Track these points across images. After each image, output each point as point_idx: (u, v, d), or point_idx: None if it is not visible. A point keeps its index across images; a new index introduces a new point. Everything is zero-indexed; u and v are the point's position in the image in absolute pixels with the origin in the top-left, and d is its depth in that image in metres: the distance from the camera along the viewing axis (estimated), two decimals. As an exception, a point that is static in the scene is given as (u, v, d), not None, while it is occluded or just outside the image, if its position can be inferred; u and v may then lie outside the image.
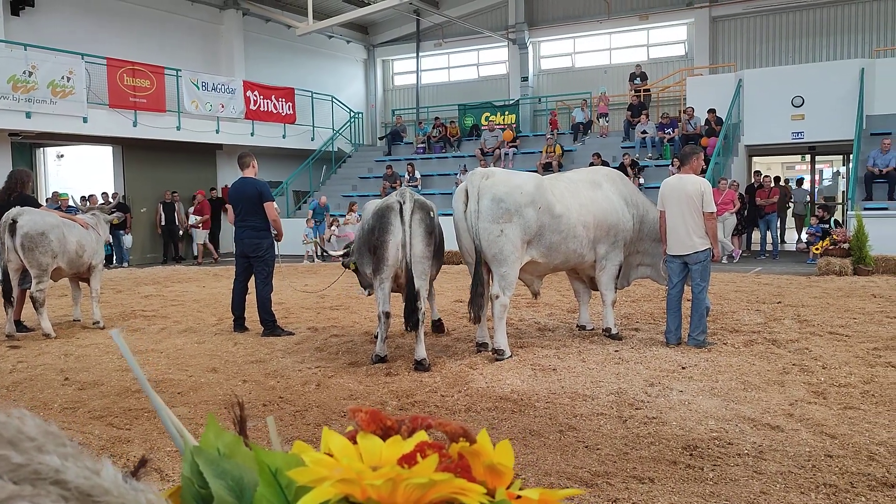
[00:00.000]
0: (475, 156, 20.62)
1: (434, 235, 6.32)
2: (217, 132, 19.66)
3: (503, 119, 22.91)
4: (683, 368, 5.93)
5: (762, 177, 16.59)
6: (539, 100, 24.78)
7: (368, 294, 7.43)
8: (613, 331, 7.24)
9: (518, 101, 23.93)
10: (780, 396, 5.05)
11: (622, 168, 16.03)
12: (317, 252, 17.72)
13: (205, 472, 0.65)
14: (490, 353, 6.52)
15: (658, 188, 7.17)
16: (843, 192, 20.67)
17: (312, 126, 22.84)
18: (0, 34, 16.16)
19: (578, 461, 3.94)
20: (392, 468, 0.62)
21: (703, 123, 17.60)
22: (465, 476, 0.64)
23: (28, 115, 15.42)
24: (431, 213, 6.31)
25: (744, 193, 16.08)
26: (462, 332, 7.73)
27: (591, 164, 16.03)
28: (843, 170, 21.43)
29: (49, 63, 15.82)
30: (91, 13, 18.64)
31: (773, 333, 7.18)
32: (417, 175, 20.11)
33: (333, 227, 18.22)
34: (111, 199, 16.54)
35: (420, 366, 6.08)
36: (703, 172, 12.55)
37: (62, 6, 17.99)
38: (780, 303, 9.15)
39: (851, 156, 16.06)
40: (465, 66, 27.49)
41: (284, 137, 21.79)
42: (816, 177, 22.75)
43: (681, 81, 21.23)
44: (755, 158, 20.72)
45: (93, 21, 18.60)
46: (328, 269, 15.60)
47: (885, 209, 14.04)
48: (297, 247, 17.56)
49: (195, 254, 19.01)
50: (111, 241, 10.66)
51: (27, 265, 7.70)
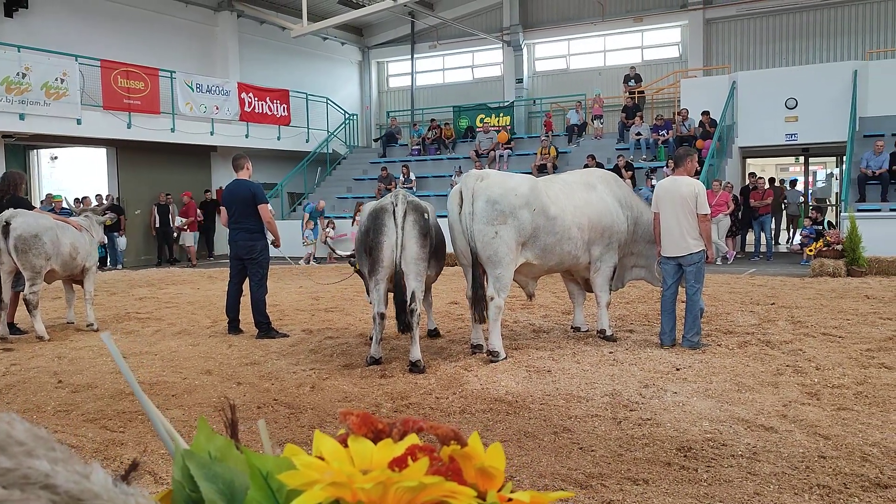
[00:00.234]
0: (470, 157, 20.61)
1: (429, 237, 6.30)
2: (211, 134, 19.63)
3: (498, 121, 22.93)
4: (678, 370, 5.94)
5: (756, 178, 16.64)
6: (534, 101, 24.81)
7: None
8: (608, 332, 7.25)
9: (513, 103, 23.96)
10: (774, 398, 5.07)
11: (616, 170, 16.06)
12: (333, 253, 17.75)
13: (195, 476, 0.65)
14: (485, 355, 6.52)
15: (652, 189, 7.18)
16: (837, 194, 20.74)
17: (307, 128, 22.82)
18: (-7, 36, 16.14)
19: (573, 463, 3.94)
20: (382, 471, 0.61)
21: (697, 125, 17.64)
22: (456, 479, 0.64)
23: (22, 117, 15.37)
24: (426, 215, 6.29)
25: (738, 195, 16.13)
26: (457, 334, 7.73)
27: (586, 166, 16.05)
28: (837, 171, 21.52)
29: (43, 65, 15.77)
30: (85, 15, 18.59)
31: (767, 335, 7.21)
32: (412, 177, 20.11)
33: (329, 229, 18.22)
34: (104, 201, 16.50)
35: (415, 367, 6.08)
36: (698, 174, 12.59)
37: (56, 8, 17.93)
38: (774, 304, 9.18)
39: (845, 157, 16.13)
40: (460, 68, 27.51)
41: (279, 139, 21.77)
42: (810, 178, 22.83)
43: (675, 83, 21.29)
44: (749, 160, 20.78)
45: (87, 23, 18.55)
46: (323, 272, 15.60)
47: (878, 210, 14.10)
48: (298, 248, 17.55)
49: (188, 255, 18.87)
50: (106, 243, 10.61)
51: (20, 267, 7.67)
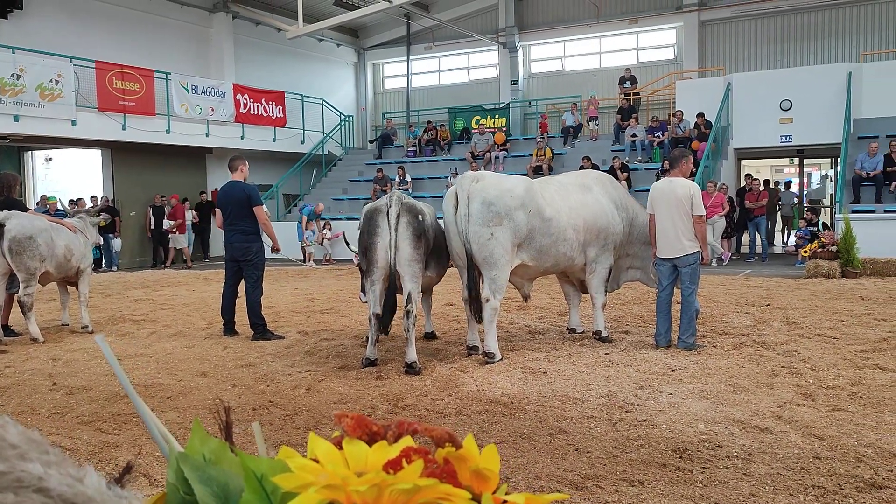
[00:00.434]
0: (465, 159, 20.63)
1: (424, 239, 6.29)
2: (207, 135, 19.61)
3: (493, 122, 22.96)
4: (673, 371, 5.95)
5: (752, 180, 16.69)
6: (529, 103, 24.83)
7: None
8: (603, 334, 7.25)
9: (508, 105, 24.00)
10: (769, 399, 5.08)
11: (612, 171, 16.08)
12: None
13: (190, 479, 0.65)
14: (480, 357, 6.52)
15: (647, 191, 7.20)
16: (832, 195, 20.81)
17: (303, 129, 22.81)
18: (-12, 37, 16.10)
19: (568, 464, 3.94)
20: (377, 474, 0.61)
21: (693, 127, 17.68)
22: (451, 481, 0.64)
23: (16, 119, 15.33)
24: (420, 217, 6.27)
25: (733, 196, 16.16)
26: (452, 336, 7.73)
27: (581, 168, 16.07)
28: (831, 173, 21.58)
29: (37, 66, 15.73)
30: (80, 16, 18.55)
31: (762, 336, 7.22)
32: (408, 178, 20.11)
33: (325, 231, 18.21)
34: (100, 203, 16.46)
35: (410, 369, 6.07)
36: (693, 176, 12.62)
37: (50, 9, 17.89)
38: (769, 305, 9.20)
39: (839, 159, 16.18)
40: (456, 70, 27.54)
41: (274, 141, 21.75)
42: (805, 180, 22.91)
43: (670, 85, 21.33)
44: (744, 162, 20.84)
45: (81, 24, 18.51)
46: (318, 274, 15.60)
47: (873, 212, 14.14)
48: (295, 249, 17.54)
49: (164, 258, 18.66)
50: (101, 244, 10.59)
51: (15, 269, 7.64)
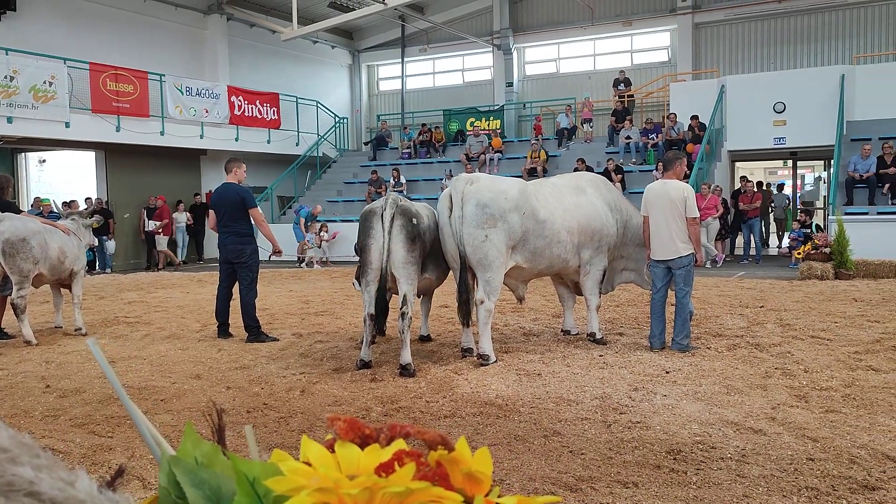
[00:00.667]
0: (460, 161, 20.64)
1: (419, 241, 6.28)
2: (201, 137, 19.57)
3: (488, 124, 22.97)
4: (667, 373, 5.96)
5: (746, 182, 16.73)
6: (524, 105, 24.87)
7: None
8: (598, 335, 7.26)
9: (503, 107, 24.02)
10: (763, 400, 5.09)
11: (606, 173, 16.11)
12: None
13: (182, 482, 0.64)
14: (475, 359, 6.52)
15: (642, 193, 7.21)
16: (825, 197, 20.88)
17: (297, 131, 22.78)
18: (-19, 38, 16.03)
19: (563, 466, 3.94)
20: (369, 477, 0.61)
21: (687, 129, 17.72)
22: (443, 484, 0.64)
23: (9, 120, 15.27)
24: (414, 220, 6.26)
25: (727, 198, 16.20)
26: (447, 338, 7.73)
27: (576, 170, 16.08)
28: (825, 175, 21.65)
29: (31, 68, 15.67)
30: (73, 18, 18.49)
31: (756, 337, 7.24)
32: (403, 180, 20.09)
33: (322, 233, 18.19)
34: (94, 204, 16.40)
35: (405, 371, 6.07)
36: (687, 178, 12.65)
37: (44, 10, 17.84)
38: (763, 307, 9.23)
39: (832, 161, 16.23)
40: (450, 72, 27.54)
41: (269, 143, 21.72)
42: (798, 182, 22.98)
43: (664, 87, 21.39)
44: (738, 164, 20.90)
45: (75, 25, 18.46)
46: (313, 276, 15.58)
47: (866, 214, 14.20)
48: (291, 250, 17.52)
49: (156, 260, 18.58)
50: (95, 246, 10.55)
51: (8, 271, 7.62)
